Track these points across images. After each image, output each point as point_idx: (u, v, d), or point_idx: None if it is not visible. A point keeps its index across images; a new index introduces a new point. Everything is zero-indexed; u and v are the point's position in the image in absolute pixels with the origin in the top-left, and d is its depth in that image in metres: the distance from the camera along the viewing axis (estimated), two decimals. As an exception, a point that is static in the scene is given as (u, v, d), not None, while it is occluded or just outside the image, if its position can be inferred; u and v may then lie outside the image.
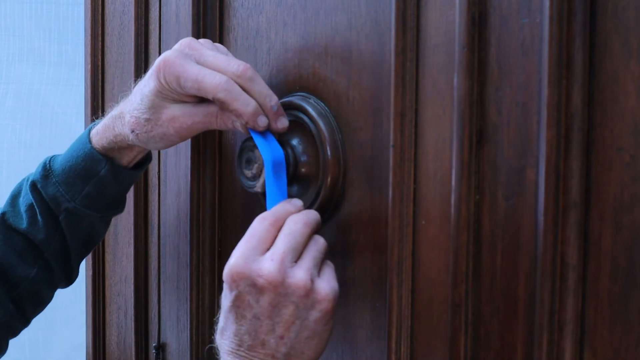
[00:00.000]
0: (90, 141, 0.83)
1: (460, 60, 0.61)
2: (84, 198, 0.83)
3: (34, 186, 0.85)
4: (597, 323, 0.55)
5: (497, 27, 0.59)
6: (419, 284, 0.66)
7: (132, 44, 1.00)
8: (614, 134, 0.54)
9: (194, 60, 0.75)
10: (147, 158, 0.87)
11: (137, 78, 0.99)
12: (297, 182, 0.76)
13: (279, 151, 0.74)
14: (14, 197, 0.87)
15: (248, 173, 0.76)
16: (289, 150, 0.75)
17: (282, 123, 0.75)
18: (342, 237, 0.74)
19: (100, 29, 1.09)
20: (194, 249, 0.89)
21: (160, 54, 0.96)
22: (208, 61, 0.75)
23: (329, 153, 0.73)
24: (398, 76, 0.66)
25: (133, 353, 1.04)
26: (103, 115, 0.83)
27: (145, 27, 0.99)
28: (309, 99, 0.75)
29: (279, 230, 0.69)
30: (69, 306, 1.47)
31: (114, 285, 1.09)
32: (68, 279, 0.90)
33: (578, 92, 0.55)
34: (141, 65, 0.99)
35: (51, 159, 0.86)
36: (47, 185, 0.84)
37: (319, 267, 0.69)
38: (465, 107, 0.61)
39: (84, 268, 1.18)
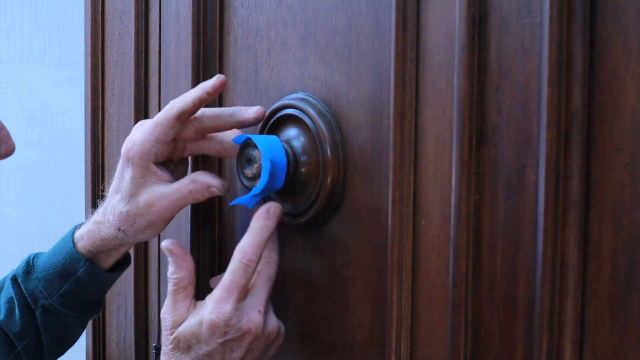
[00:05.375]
0: (73, 241, 0.84)
1: (460, 60, 0.61)
2: (60, 296, 0.85)
3: (14, 280, 0.86)
4: (597, 323, 0.55)
5: (497, 27, 0.59)
6: (419, 284, 0.66)
7: (132, 44, 1.00)
8: (614, 134, 0.54)
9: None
10: (126, 261, 0.89)
11: (137, 78, 1.00)
12: (297, 182, 0.76)
13: (279, 151, 0.74)
14: None
15: (248, 173, 0.76)
16: (289, 150, 0.75)
17: (250, 113, 0.77)
18: (342, 237, 0.74)
19: (100, 29, 1.09)
20: (194, 249, 0.89)
21: (160, 54, 0.96)
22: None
23: (329, 153, 0.73)
24: (398, 76, 0.66)
25: (133, 353, 1.04)
26: (101, 197, 0.85)
27: (145, 27, 0.99)
28: (309, 99, 0.75)
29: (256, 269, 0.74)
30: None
31: (114, 285, 1.09)
32: None
33: (578, 92, 0.55)
34: (141, 65, 0.99)
35: (35, 255, 0.87)
36: (27, 281, 0.86)
37: None
38: (465, 107, 0.61)
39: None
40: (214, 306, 0.72)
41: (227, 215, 0.88)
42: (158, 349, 1.00)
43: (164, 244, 0.76)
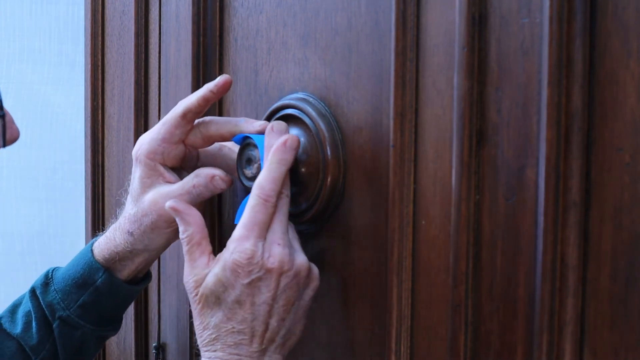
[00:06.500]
0: (92, 252, 0.84)
1: (460, 60, 0.61)
2: (78, 307, 0.84)
3: (33, 293, 0.86)
4: (597, 323, 0.55)
5: (497, 27, 0.59)
6: (419, 284, 0.66)
7: (132, 44, 1.00)
8: (614, 134, 0.54)
9: None
10: (147, 276, 0.88)
11: (137, 78, 1.00)
12: (297, 182, 0.76)
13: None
14: (15, 305, 0.88)
15: (248, 173, 0.76)
16: (289, 150, 0.75)
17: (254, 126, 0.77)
18: (342, 237, 0.74)
19: (100, 29, 1.09)
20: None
21: (160, 54, 0.96)
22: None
23: (329, 153, 0.73)
24: (398, 76, 0.66)
25: (133, 353, 1.04)
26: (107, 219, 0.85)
27: (145, 27, 0.99)
28: (309, 99, 0.75)
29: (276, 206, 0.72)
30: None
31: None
32: None
33: (578, 92, 0.55)
34: (141, 65, 0.99)
35: (54, 269, 0.87)
36: (45, 293, 0.85)
37: None
38: (465, 107, 0.61)
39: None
40: (235, 245, 0.70)
41: (227, 214, 0.88)
42: (158, 348, 1.00)
43: (169, 203, 0.75)
